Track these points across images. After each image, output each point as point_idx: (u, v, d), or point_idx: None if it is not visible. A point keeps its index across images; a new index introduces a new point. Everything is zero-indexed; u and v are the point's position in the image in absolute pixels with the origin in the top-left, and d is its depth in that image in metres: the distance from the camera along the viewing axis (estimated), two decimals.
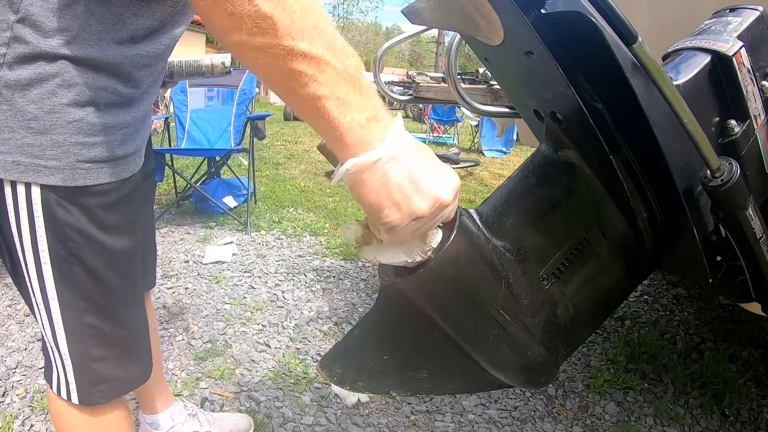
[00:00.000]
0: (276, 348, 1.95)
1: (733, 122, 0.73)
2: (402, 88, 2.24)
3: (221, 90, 3.93)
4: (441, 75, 1.91)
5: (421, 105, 11.53)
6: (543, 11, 0.61)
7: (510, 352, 0.69)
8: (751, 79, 0.73)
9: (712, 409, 1.69)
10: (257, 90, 5.15)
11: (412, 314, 0.63)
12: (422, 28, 1.45)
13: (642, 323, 2.30)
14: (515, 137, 8.33)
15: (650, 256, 0.79)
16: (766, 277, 0.79)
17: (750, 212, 0.71)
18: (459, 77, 1.30)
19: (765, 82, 0.76)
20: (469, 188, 5.46)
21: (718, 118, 0.74)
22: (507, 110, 1.34)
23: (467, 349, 0.67)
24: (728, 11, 0.80)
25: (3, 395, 1.58)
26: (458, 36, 1.19)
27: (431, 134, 9.81)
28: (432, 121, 9.90)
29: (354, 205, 4.09)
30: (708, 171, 0.68)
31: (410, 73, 2.11)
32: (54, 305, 0.78)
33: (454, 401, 1.66)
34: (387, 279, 0.62)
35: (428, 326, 0.64)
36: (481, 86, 1.55)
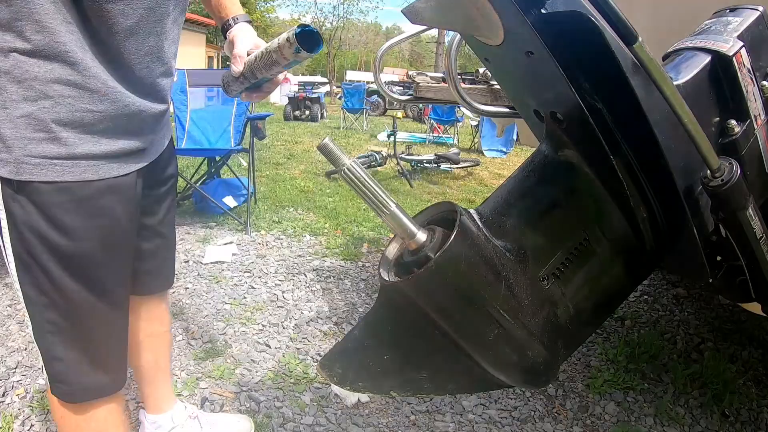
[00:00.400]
0: (276, 348, 1.95)
1: (734, 122, 0.73)
2: (402, 88, 2.24)
3: (221, 90, 3.92)
4: (441, 75, 1.91)
5: (421, 105, 11.52)
6: (543, 11, 0.61)
7: (510, 352, 0.69)
8: (751, 79, 0.73)
9: (712, 409, 1.69)
10: None
11: (413, 314, 0.63)
12: (422, 28, 1.45)
13: (642, 323, 2.29)
14: (515, 137, 8.31)
15: (650, 256, 0.79)
16: (766, 277, 0.79)
17: (750, 212, 0.71)
18: (459, 77, 1.30)
19: (765, 82, 0.76)
20: (469, 188, 5.46)
21: (718, 118, 0.74)
22: (507, 110, 1.34)
23: (467, 349, 0.67)
24: (728, 11, 0.80)
25: (3, 395, 1.58)
26: (458, 36, 1.19)
27: (431, 134, 9.79)
28: (432, 121, 9.88)
29: (354, 205, 4.08)
30: (708, 171, 0.68)
31: (410, 73, 2.10)
32: (23, 298, 0.80)
33: (454, 401, 1.66)
34: (387, 279, 0.62)
35: (428, 326, 0.64)
36: (481, 86, 1.55)
